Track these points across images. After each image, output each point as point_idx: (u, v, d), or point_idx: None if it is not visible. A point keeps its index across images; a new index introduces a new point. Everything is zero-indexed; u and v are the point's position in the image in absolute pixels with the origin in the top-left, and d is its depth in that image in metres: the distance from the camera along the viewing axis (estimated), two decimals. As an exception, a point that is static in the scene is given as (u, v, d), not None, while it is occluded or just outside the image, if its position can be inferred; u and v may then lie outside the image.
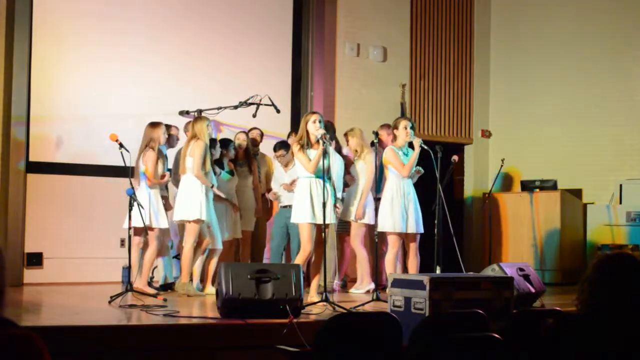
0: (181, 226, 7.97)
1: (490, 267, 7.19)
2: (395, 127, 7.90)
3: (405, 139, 7.78)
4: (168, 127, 8.26)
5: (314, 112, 7.34)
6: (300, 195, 7.14)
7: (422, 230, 7.75)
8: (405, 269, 8.10)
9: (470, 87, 11.72)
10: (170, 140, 8.42)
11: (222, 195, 8.01)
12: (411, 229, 7.65)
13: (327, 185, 7.00)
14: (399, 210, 7.61)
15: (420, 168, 7.89)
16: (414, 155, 7.69)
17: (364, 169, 8.32)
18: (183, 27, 9.72)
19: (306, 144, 7.13)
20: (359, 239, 8.33)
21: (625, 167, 10.21)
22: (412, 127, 7.82)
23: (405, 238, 7.76)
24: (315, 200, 7.04)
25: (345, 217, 8.39)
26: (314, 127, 7.10)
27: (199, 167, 7.62)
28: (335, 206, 7.10)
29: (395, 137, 7.90)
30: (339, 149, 8.63)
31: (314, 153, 7.09)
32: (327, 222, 6.92)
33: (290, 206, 7.96)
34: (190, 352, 5.35)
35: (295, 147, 7.17)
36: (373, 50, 10.90)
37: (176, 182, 8.06)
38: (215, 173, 7.94)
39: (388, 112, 10.62)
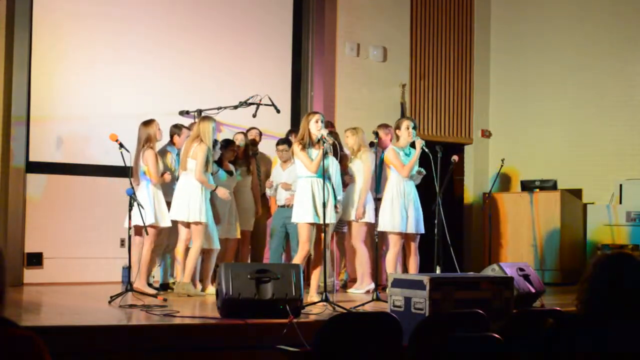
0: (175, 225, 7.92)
1: (490, 267, 7.19)
2: (398, 127, 7.90)
3: (408, 139, 7.79)
4: (179, 127, 8.27)
5: (315, 112, 7.32)
6: (302, 195, 7.12)
7: (422, 231, 7.77)
8: (405, 269, 8.11)
9: (470, 87, 11.72)
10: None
11: (227, 194, 7.94)
12: (411, 229, 7.67)
13: (328, 184, 7.00)
14: (399, 210, 7.63)
15: (422, 169, 7.89)
16: (415, 156, 7.70)
17: (361, 169, 8.31)
18: (183, 26, 9.72)
19: (308, 144, 7.13)
20: (361, 237, 8.32)
21: (625, 167, 10.20)
22: (415, 128, 7.82)
23: (405, 238, 7.77)
24: (317, 200, 7.04)
25: (345, 216, 8.38)
26: (315, 127, 7.09)
27: (202, 172, 7.59)
28: (335, 206, 7.10)
29: (397, 137, 7.90)
30: (339, 148, 8.62)
31: (315, 153, 7.08)
32: (328, 221, 6.93)
33: (287, 206, 7.99)
34: (190, 352, 5.35)
35: (296, 147, 7.14)
36: (373, 50, 10.89)
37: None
38: (212, 173, 7.90)
39: (388, 112, 10.61)
